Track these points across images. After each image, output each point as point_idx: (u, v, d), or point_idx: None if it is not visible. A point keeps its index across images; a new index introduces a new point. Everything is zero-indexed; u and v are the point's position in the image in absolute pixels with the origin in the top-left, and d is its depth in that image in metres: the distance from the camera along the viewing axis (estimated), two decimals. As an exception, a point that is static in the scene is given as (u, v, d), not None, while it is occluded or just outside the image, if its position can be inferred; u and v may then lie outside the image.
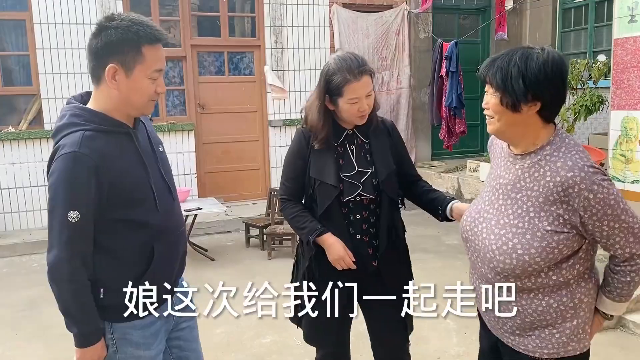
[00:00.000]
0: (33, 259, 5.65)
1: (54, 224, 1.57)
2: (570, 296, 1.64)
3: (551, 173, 1.56)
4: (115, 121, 1.64)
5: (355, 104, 2.06)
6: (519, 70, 1.54)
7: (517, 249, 1.59)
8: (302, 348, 3.51)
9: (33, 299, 4.48)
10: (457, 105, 7.00)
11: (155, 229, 1.68)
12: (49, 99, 6.27)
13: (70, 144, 1.55)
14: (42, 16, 6.15)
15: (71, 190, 1.54)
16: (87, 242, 1.60)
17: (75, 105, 1.65)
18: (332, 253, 2.11)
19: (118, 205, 1.61)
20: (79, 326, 1.63)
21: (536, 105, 1.57)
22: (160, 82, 1.65)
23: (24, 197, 6.27)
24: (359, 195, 2.13)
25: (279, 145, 7.35)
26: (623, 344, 3.47)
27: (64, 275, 1.59)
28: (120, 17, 1.60)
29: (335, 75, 2.06)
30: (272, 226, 5.61)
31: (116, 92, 1.60)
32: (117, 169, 1.59)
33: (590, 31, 7.61)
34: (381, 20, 7.78)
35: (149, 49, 1.58)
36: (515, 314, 1.69)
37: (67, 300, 1.61)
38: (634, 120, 4.59)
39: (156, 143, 1.80)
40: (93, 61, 1.61)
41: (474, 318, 1.84)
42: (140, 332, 1.72)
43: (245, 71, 7.30)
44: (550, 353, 1.67)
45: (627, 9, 4.58)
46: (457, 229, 6.71)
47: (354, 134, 2.19)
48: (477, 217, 1.75)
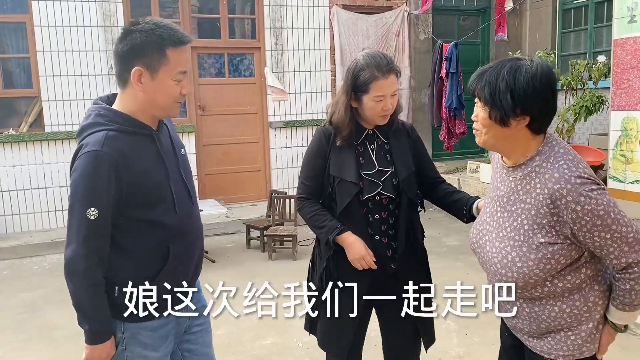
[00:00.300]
0: (34, 261, 5.66)
1: (72, 221, 1.60)
2: (584, 300, 1.63)
3: (540, 185, 1.56)
4: (139, 122, 1.67)
5: (380, 102, 2.06)
6: (507, 84, 1.52)
7: (516, 262, 1.60)
8: (303, 349, 3.52)
9: (34, 301, 4.48)
10: (457, 106, 7.00)
11: (172, 230, 1.71)
12: (50, 102, 6.28)
13: (93, 142, 1.59)
14: (42, 19, 6.16)
15: (91, 188, 1.57)
16: (104, 239, 1.63)
17: (100, 106, 1.69)
18: (353, 252, 2.08)
19: (136, 204, 1.64)
20: (90, 323, 1.65)
21: (525, 120, 1.55)
22: (185, 84, 1.69)
23: (24, 199, 6.27)
24: (378, 194, 2.12)
25: (279, 146, 7.36)
26: (623, 344, 3.46)
27: (79, 271, 1.61)
28: (145, 21, 1.63)
29: (363, 71, 2.06)
30: (272, 228, 5.61)
31: (142, 94, 1.64)
32: (137, 169, 1.63)
33: (590, 32, 7.61)
34: (381, 21, 7.79)
35: (172, 51, 1.62)
36: (529, 320, 1.70)
37: (80, 296, 1.63)
38: (634, 121, 4.59)
39: (178, 147, 1.84)
40: (119, 65, 1.65)
41: (474, 319, 1.84)
42: (150, 334, 1.74)
43: (245, 73, 7.31)
44: (566, 355, 1.67)
45: (627, 10, 4.58)
46: (457, 230, 6.71)
47: (374, 133, 2.19)
48: (481, 229, 1.77)
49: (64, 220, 6.37)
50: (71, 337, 3.77)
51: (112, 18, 6.41)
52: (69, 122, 6.35)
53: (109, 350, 1.69)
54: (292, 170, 7.44)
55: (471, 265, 4.92)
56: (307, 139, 7.44)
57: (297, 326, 3.76)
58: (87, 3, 6.31)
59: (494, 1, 8.47)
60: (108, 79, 6.46)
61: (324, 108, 7.49)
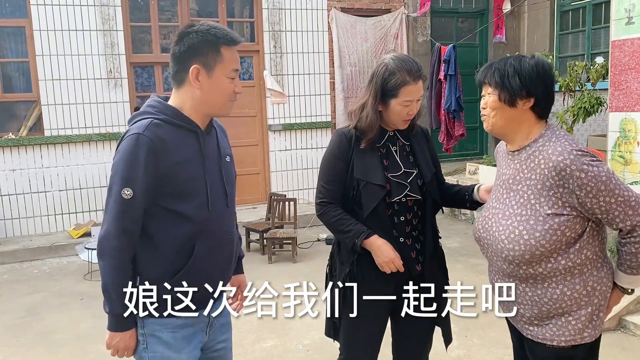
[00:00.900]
0: (34, 265, 5.66)
1: (109, 201, 1.65)
2: (583, 284, 1.72)
3: (544, 160, 1.70)
4: (187, 118, 1.72)
5: (407, 107, 2.06)
6: (515, 69, 1.73)
7: (523, 235, 1.70)
8: (303, 352, 3.52)
9: (34, 305, 4.48)
10: (455, 109, 7.02)
11: (198, 226, 1.70)
12: (49, 106, 6.29)
13: (137, 127, 1.65)
14: (41, 23, 6.17)
15: (129, 169, 1.61)
16: (135, 221, 1.65)
17: (153, 99, 1.76)
18: (382, 255, 2.05)
19: (169, 194, 1.67)
20: (112, 306, 1.65)
21: (530, 101, 1.74)
22: (237, 83, 1.75)
23: (24, 203, 6.28)
24: (405, 196, 2.11)
25: (278, 149, 7.37)
26: (624, 345, 3.47)
27: (109, 249, 1.63)
28: (200, 23, 1.72)
29: (394, 75, 2.04)
30: (272, 230, 5.61)
31: (199, 91, 1.70)
32: (174, 159, 1.66)
33: (588, 33, 7.63)
34: (379, 24, 7.81)
35: (226, 50, 1.70)
36: (531, 304, 1.77)
37: (107, 276, 1.64)
38: (633, 122, 4.60)
39: (224, 154, 1.85)
40: (176, 66, 1.71)
41: (474, 320, 1.85)
42: (170, 333, 1.72)
43: (244, 76, 7.32)
44: (568, 340, 1.74)
45: (624, 11, 4.60)
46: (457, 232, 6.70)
47: (395, 135, 2.18)
48: (487, 215, 1.86)
49: (64, 224, 6.40)
50: (71, 341, 3.77)
51: (111, 22, 6.42)
52: (69, 126, 6.36)
53: (127, 342, 1.69)
54: (291, 172, 7.45)
55: (471, 267, 4.92)
56: (307, 141, 7.45)
57: (298, 329, 3.77)
58: (87, 7, 6.32)
59: (492, 3, 8.50)
60: (107, 82, 6.46)
61: (324, 110, 7.50)
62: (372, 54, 7.73)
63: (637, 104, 4.55)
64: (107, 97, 6.48)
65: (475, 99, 8.74)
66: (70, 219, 6.45)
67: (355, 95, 7.64)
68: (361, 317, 2.01)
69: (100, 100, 6.45)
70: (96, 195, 6.50)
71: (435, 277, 2.11)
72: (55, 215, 6.40)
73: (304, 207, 6.98)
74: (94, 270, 5.13)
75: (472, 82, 9.46)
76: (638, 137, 4.57)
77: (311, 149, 7.49)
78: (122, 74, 6.52)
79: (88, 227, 6.19)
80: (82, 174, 6.46)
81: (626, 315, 3.66)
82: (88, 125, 6.44)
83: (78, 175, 6.44)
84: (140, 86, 6.89)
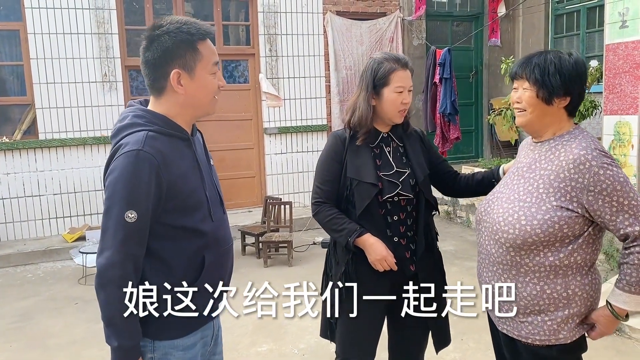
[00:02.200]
0: (27, 269, 5.63)
1: (109, 224, 1.49)
2: (565, 286, 1.71)
3: (565, 153, 1.70)
4: (177, 126, 1.61)
5: (401, 94, 2.11)
6: (556, 67, 1.71)
7: (521, 220, 1.69)
8: (299, 356, 3.50)
9: (28, 310, 4.45)
10: (451, 112, 7.03)
11: (207, 238, 1.63)
12: (43, 109, 6.26)
13: (133, 142, 1.50)
14: (36, 26, 6.15)
15: (131, 189, 1.47)
16: (141, 245, 1.52)
17: (137, 107, 1.63)
18: (374, 253, 2.08)
19: (174, 210, 1.56)
20: (120, 339, 1.50)
21: (566, 100, 1.74)
22: (220, 76, 1.64)
23: (18, 207, 6.24)
24: (397, 195, 2.13)
25: (274, 152, 7.36)
26: (619, 348, 3.47)
27: (114, 279, 1.48)
28: (167, 21, 1.57)
29: (382, 64, 2.12)
30: (268, 234, 5.60)
31: (183, 96, 1.58)
32: (176, 173, 1.55)
33: (583, 37, 7.67)
34: (375, 27, 7.82)
35: (202, 45, 1.58)
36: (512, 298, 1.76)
37: (113, 308, 1.49)
38: (627, 125, 4.62)
39: (209, 156, 1.79)
40: (152, 74, 1.58)
41: (470, 324, 1.85)
42: (182, 354, 1.63)
43: (240, 79, 7.31)
44: (542, 340, 1.74)
45: (618, 15, 4.62)
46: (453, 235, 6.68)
47: (389, 136, 2.22)
48: (491, 198, 1.87)
49: (58, 228, 6.37)
50: (65, 345, 3.75)
51: (106, 25, 6.41)
52: (63, 129, 6.34)
53: None
54: (287, 176, 7.44)
55: (467, 270, 4.92)
56: (302, 144, 7.45)
57: (293, 333, 3.76)
58: (81, 11, 6.30)
59: (487, 7, 8.53)
60: (102, 86, 6.45)
61: (319, 114, 7.51)
62: (368, 57, 7.71)
63: (631, 107, 4.57)
64: (102, 101, 6.46)
65: (470, 102, 8.78)
66: (64, 222, 6.42)
67: (351, 99, 7.65)
68: (357, 317, 2.01)
69: (95, 104, 6.44)
70: (91, 199, 6.48)
71: (431, 278, 2.10)
72: (50, 219, 6.37)
73: (300, 211, 6.97)
74: (88, 275, 5.10)
75: (467, 86, 9.54)
76: (632, 140, 4.59)
77: (307, 152, 7.49)
78: (117, 78, 6.51)
79: (82, 231, 6.16)
80: (77, 177, 6.43)
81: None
82: (83, 128, 6.42)
83: (73, 178, 6.41)
84: (136, 89, 6.87)
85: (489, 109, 8.40)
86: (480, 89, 8.82)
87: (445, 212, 6.92)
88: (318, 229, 6.40)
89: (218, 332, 1.83)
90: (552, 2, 8.14)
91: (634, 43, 4.49)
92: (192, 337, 1.65)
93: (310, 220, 6.59)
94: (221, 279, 1.71)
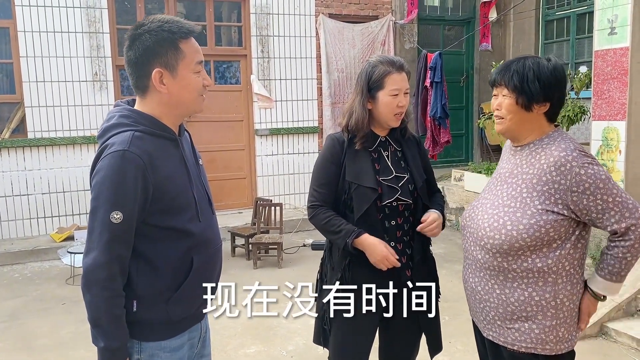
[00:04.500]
0: (15, 269, 5.57)
1: (95, 225, 1.49)
2: (554, 295, 1.70)
3: (546, 156, 1.70)
4: (164, 126, 1.60)
5: (396, 97, 2.09)
6: (534, 73, 1.71)
7: (507, 225, 1.69)
8: (287, 358, 3.50)
9: (15, 310, 4.41)
10: (441, 115, 7.06)
11: (195, 238, 1.62)
12: (33, 107, 6.21)
13: (119, 142, 1.50)
14: (26, 24, 6.11)
15: (117, 190, 1.47)
16: (127, 246, 1.52)
17: (124, 107, 1.62)
18: (375, 253, 2.05)
19: (161, 210, 1.55)
20: (106, 340, 1.50)
21: (545, 106, 1.74)
22: (205, 75, 1.63)
23: (5, 206, 6.18)
24: (396, 200, 2.12)
25: (265, 154, 7.36)
26: (605, 352, 3.50)
27: (100, 280, 1.48)
28: (149, 20, 1.57)
29: (377, 67, 2.10)
30: (258, 235, 5.59)
31: (167, 96, 1.57)
32: (163, 173, 1.54)
33: (572, 43, 7.74)
34: (367, 30, 7.84)
35: (185, 44, 1.56)
36: (497, 302, 1.76)
37: (98, 309, 1.49)
38: (615, 131, 4.67)
39: (197, 156, 1.77)
40: (135, 73, 1.57)
41: (457, 327, 1.86)
42: (169, 355, 1.62)
43: (231, 80, 7.30)
44: (528, 347, 1.73)
45: (607, 22, 4.67)
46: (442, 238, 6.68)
47: (387, 140, 2.20)
48: (476, 204, 1.87)
49: (46, 227, 6.32)
50: (53, 346, 3.72)
51: (97, 24, 6.37)
52: (53, 128, 6.29)
53: None
54: (277, 177, 7.43)
55: (455, 273, 4.94)
56: (293, 146, 7.45)
57: (282, 335, 3.75)
58: (72, 9, 6.26)
59: (478, 12, 8.58)
60: (92, 85, 6.41)
61: (311, 116, 7.51)
62: (360, 60, 7.76)
63: (619, 113, 4.62)
64: (92, 100, 6.42)
65: (461, 106, 8.82)
66: (52, 222, 6.37)
67: (343, 101, 7.66)
68: (353, 324, 2.01)
69: (85, 103, 6.40)
70: (79, 199, 6.43)
71: (425, 287, 2.09)
72: (38, 218, 6.32)
73: (290, 213, 6.97)
74: (76, 275, 5.07)
75: (458, 90, 9.58)
76: (620, 146, 4.64)
77: (298, 154, 7.49)
78: (108, 77, 6.47)
79: (71, 230, 6.12)
80: (66, 176, 6.38)
81: (608, 322, 3.70)
82: (72, 127, 6.37)
83: (62, 178, 6.37)
84: (126, 89, 6.84)
85: (479, 113, 8.45)
86: (470, 93, 8.88)
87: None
88: (308, 230, 6.41)
89: (206, 334, 1.81)
90: (542, 8, 8.21)
91: (622, 50, 4.55)
92: (179, 338, 1.64)
93: (300, 222, 6.58)
94: (210, 280, 1.70)
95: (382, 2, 8.00)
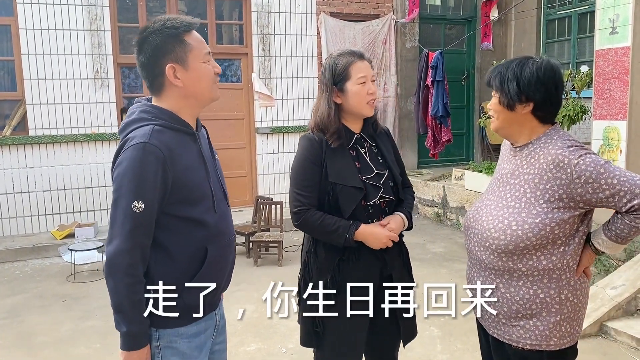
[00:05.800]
0: (15, 266, 5.58)
1: (117, 215, 1.56)
2: (558, 291, 1.72)
3: (544, 155, 1.72)
4: (183, 121, 1.67)
5: (365, 85, 2.08)
6: (514, 74, 1.74)
7: (512, 225, 1.71)
8: (287, 356, 3.50)
9: (15, 307, 4.42)
10: (442, 114, 7.07)
11: (211, 229, 1.68)
12: (34, 105, 6.22)
13: (140, 135, 1.57)
14: (27, 21, 6.11)
15: (138, 180, 1.54)
16: (148, 234, 1.58)
17: (144, 103, 1.69)
18: (376, 240, 2.07)
19: (179, 201, 1.61)
20: (129, 325, 1.57)
21: (529, 106, 1.74)
22: (214, 63, 1.70)
23: (6, 203, 6.19)
24: (379, 198, 2.11)
25: (265, 152, 7.36)
26: (605, 351, 3.51)
27: (122, 267, 1.55)
28: (151, 23, 1.64)
29: (339, 59, 2.11)
30: (258, 234, 5.60)
31: (183, 89, 1.64)
32: (181, 165, 1.61)
33: (574, 42, 7.74)
34: (368, 29, 7.84)
35: (189, 37, 1.64)
36: (502, 301, 1.78)
37: (121, 295, 1.56)
38: (616, 130, 4.67)
39: (213, 151, 1.84)
40: (150, 74, 1.65)
41: (457, 326, 1.86)
42: (186, 342, 1.67)
43: (232, 78, 7.31)
44: (533, 344, 1.75)
45: (609, 21, 4.67)
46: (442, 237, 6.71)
47: (362, 137, 2.19)
48: (480, 205, 1.89)
49: (47, 225, 6.33)
50: (52, 343, 3.72)
51: (98, 22, 6.38)
52: (54, 125, 6.30)
53: (145, 358, 1.62)
54: (278, 176, 7.44)
55: (456, 271, 4.95)
56: (294, 145, 7.45)
57: (282, 333, 3.76)
58: (74, 7, 6.27)
59: (479, 11, 8.58)
60: (94, 82, 6.42)
61: (311, 114, 7.50)
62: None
63: (620, 113, 4.62)
64: (93, 98, 6.43)
65: (462, 105, 8.82)
66: (53, 219, 6.38)
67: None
68: (349, 322, 2.01)
69: (86, 101, 6.40)
70: (80, 196, 6.44)
71: (402, 276, 2.16)
72: (39, 215, 6.33)
73: (291, 211, 6.97)
74: (76, 272, 5.07)
75: (459, 88, 9.57)
76: (621, 145, 4.64)
77: (298, 152, 7.48)
78: (109, 75, 6.48)
79: (72, 228, 6.12)
80: (67, 174, 6.39)
81: (607, 321, 3.70)
82: (73, 125, 6.38)
83: (62, 175, 6.38)
84: (127, 87, 6.85)
85: (480, 112, 8.45)
86: (472, 92, 8.87)
87: (435, 215, 6.95)
88: (308, 229, 6.40)
89: (221, 321, 1.86)
90: (544, 7, 8.21)
91: (623, 49, 4.54)
92: (196, 325, 1.70)
93: (300, 220, 6.58)
94: (223, 271, 1.76)
95: (384, 1, 8.00)
